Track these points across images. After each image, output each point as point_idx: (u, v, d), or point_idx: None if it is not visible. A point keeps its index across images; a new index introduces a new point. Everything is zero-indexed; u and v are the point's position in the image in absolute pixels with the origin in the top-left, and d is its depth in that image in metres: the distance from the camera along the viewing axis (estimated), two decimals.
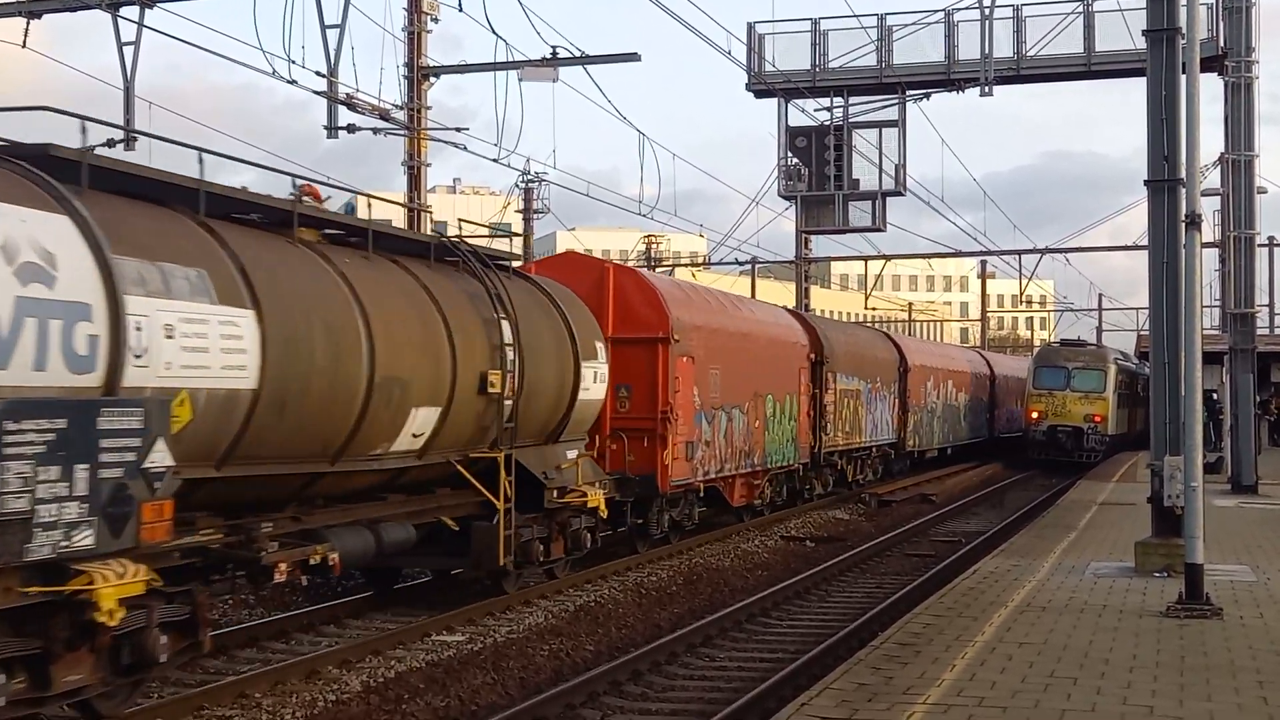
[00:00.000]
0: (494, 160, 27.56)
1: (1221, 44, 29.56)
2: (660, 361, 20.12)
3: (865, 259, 48.59)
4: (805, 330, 28.55)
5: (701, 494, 22.08)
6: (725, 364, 22.57)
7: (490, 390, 14.85)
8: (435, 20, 25.41)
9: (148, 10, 20.73)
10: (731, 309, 24.53)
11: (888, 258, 48.19)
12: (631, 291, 20.45)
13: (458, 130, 25.52)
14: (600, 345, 18.16)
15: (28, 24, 21.74)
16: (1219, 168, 31.82)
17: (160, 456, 9.42)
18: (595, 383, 17.86)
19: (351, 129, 23.88)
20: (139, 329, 9.72)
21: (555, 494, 16.43)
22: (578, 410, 17.41)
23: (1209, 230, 33.60)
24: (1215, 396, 35.00)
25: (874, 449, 34.21)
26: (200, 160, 11.78)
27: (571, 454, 17.37)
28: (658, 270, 51.95)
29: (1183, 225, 14.70)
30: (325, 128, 23.65)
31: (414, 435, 13.67)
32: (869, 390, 33.01)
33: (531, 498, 16.04)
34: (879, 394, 34.21)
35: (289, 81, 20.63)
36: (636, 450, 19.83)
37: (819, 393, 28.48)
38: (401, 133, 24.98)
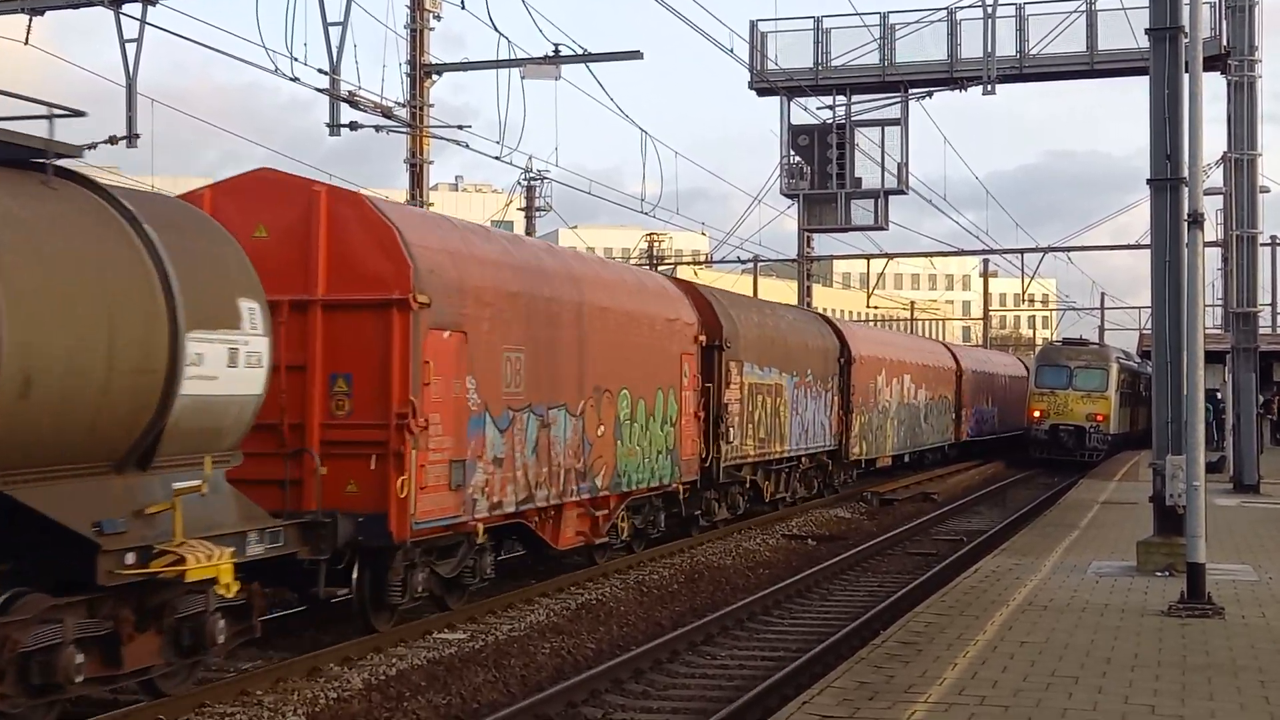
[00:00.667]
0: (496, 158, 27.75)
1: (1224, 43, 29.55)
2: (396, 337, 13.26)
3: (867, 257, 48.57)
4: (694, 305, 21.60)
5: (481, 536, 14.81)
6: (535, 345, 15.80)
7: None
8: (437, 17, 25.40)
9: (150, 7, 20.73)
10: (551, 264, 17.01)
11: (890, 256, 48.19)
12: (354, 230, 13.52)
13: (460, 128, 25.50)
14: (251, 307, 11.29)
15: (30, 21, 21.71)
16: (1221, 167, 31.81)
17: None
18: (234, 367, 10.95)
19: (354, 126, 23.87)
20: None
21: (133, 558, 9.85)
22: (183, 414, 10.45)
23: (1211, 229, 33.62)
24: (1219, 396, 34.99)
25: (803, 458, 28.08)
26: None
27: (180, 486, 10.42)
28: (659, 269, 51.93)
29: (1185, 224, 14.69)
30: (327, 125, 23.63)
31: None
32: (795, 385, 26.85)
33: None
34: (811, 390, 28.05)
35: (291, 79, 20.64)
36: (359, 475, 13.15)
37: (715, 388, 22.20)
38: (404, 130, 24.98)
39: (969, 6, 35.28)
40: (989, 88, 35.33)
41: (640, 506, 19.81)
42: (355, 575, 13.42)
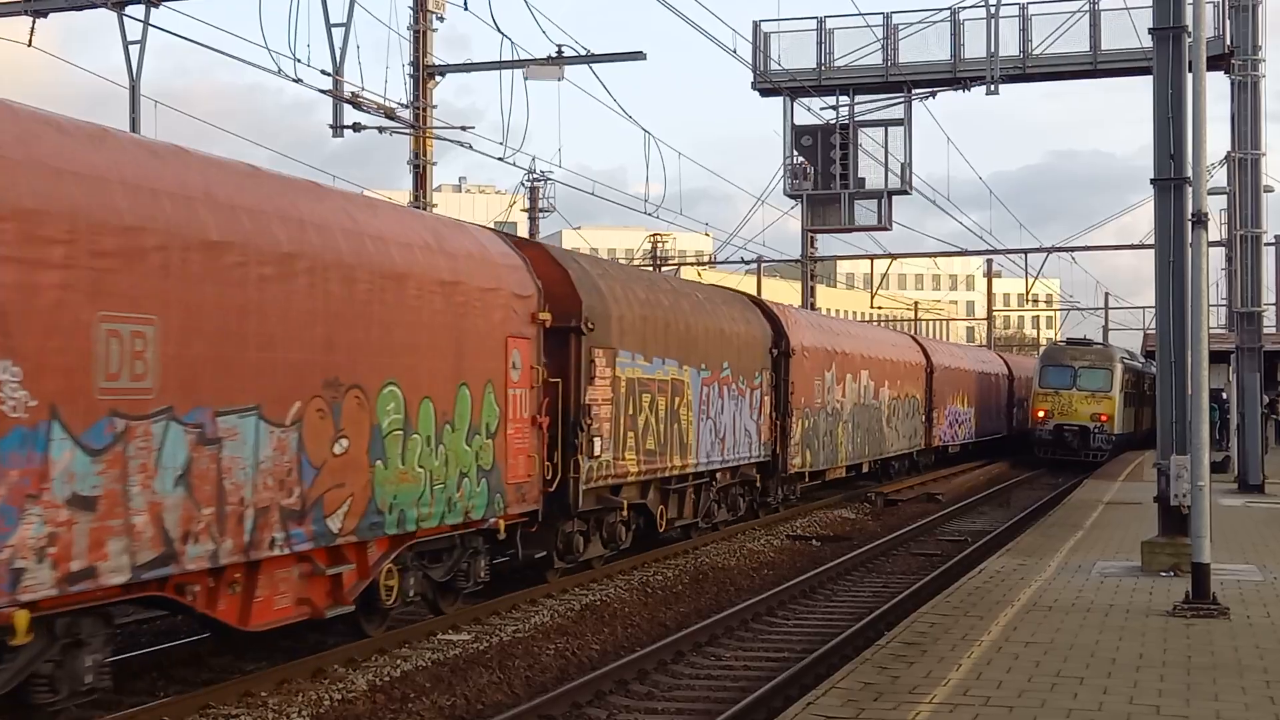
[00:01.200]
0: (499, 159, 27.63)
1: (1228, 42, 29.56)
2: None
3: (871, 258, 48.55)
4: (537, 272, 15.88)
5: (23, 633, 8.93)
6: (188, 313, 10.33)
7: None
8: (440, 18, 25.42)
9: (153, 9, 20.77)
10: (240, 193, 11.23)
11: (894, 256, 48.17)
12: None
13: (463, 129, 25.53)
14: None
15: (33, 23, 21.77)
16: (1225, 166, 31.81)
17: None
18: None
19: (357, 128, 23.90)
20: None
21: None
22: None
23: (1215, 229, 33.61)
24: (1224, 396, 35.00)
25: (720, 473, 22.66)
26: None
27: None
28: (662, 269, 51.90)
29: (1189, 224, 14.69)
30: (331, 126, 23.67)
31: None
32: (705, 382, 21.41)
33: None
34: (730, 388, 22.62)
35: (294, 80, 20.65)
36: None
37: (571, 385, 16.55)
38: (407, 131, 24.99)
39: (972, 6, 35.32)
40: (992, 88, 35.36)
41: (440, 553, 14.23)
42: None
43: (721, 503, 23.26)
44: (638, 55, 25.34)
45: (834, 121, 37.54)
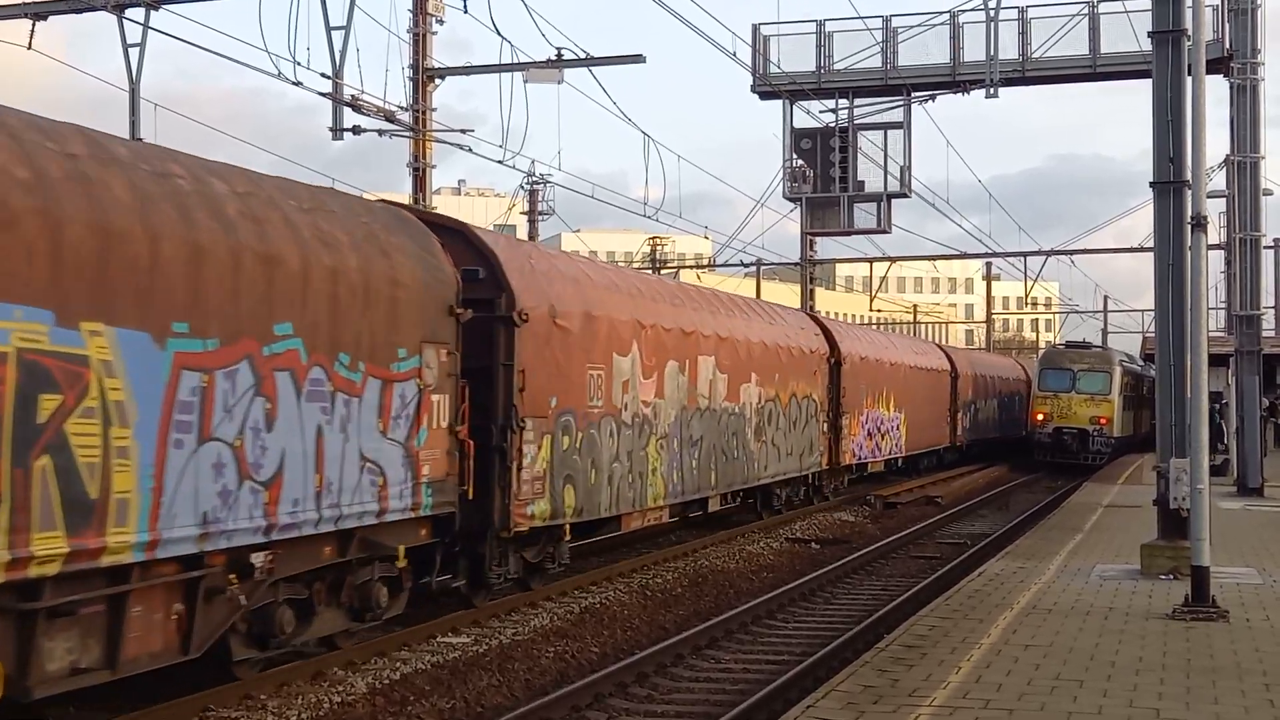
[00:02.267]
0: (499, 162, 27.64)
1: (1227, 46, 29.56)
2: None
3: (870, 261, 48.58)
4: None
5: None
6: None
7: None
8: (440, 21, 25.44)
9: (153, 12, 20.78)
10: None
11: (893, 259, 48.23)
12: None
13: (463, 132, 25.53)
14: None
15: (33, 26, 21.79)
16: (1225, 170, 31.82)
17: None
18: None
19: (357, 130, 23.91)
20: None
21: None
22: None
23: (1214, 232, 33.62)
24: (1223, 400, 35.02)
25: (274, 553, 11.03)
26: None
27: None
28: (661, 273, 51.90)
29: (1188, 227, 14.70)
30: (330, 129, 23.69)
31: None
32: (181, 363, 9.86)
33: None
34: (304, 380, 11.25)
35: (294, 83, 20.66)
36: None
37: None
38: (406, 134, 24.99)
39: (971, 10, 35.34)
40: (991, 91, 35.36)
41: None
42: None
43: (322, 604, 12.24)
44: (637, 58, 25.35)
45: (833, 124, 37.59)
